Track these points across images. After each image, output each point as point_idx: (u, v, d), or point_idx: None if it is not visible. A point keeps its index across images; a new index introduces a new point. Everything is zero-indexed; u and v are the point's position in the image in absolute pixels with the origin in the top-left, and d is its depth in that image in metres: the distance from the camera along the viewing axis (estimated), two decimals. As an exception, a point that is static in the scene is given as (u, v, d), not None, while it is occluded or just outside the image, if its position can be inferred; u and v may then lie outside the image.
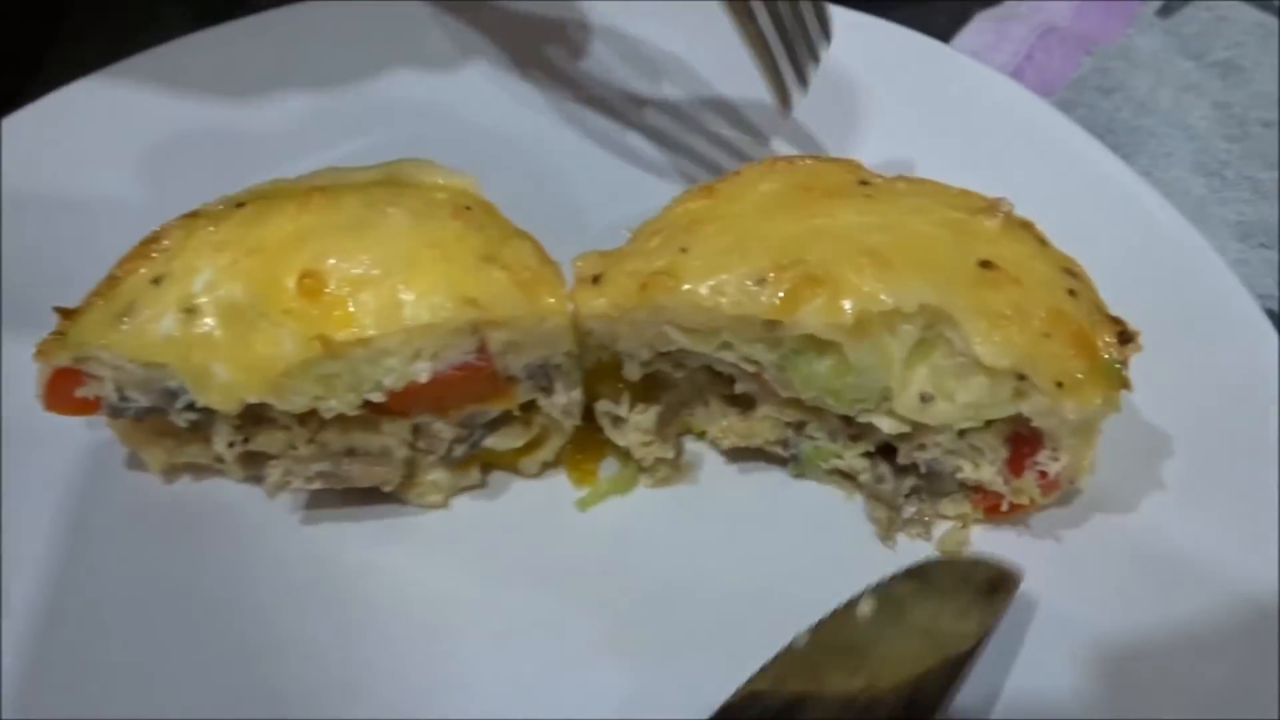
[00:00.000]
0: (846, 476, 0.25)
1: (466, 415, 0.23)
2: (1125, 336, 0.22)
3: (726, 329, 0.22)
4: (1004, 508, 0.23)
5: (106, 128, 0.32)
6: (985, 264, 0.22)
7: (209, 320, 0.22)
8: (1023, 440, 0.22)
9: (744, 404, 0.25)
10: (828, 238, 0.22)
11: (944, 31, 0.41)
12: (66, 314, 0.24)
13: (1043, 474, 0.22)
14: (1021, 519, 0.24)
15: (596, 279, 0.23)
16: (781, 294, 0.21)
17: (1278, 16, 0.40)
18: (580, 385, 0.24)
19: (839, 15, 0.29)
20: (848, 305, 0.21)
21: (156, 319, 0.23)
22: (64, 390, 0.23)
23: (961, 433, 0.22)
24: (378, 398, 0.22)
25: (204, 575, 0.24)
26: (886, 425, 0.23)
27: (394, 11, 0.36)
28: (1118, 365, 0.21)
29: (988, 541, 0.24)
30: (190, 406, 0.23)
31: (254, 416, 0.23)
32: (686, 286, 0.22)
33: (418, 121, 0.32)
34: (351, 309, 0.21)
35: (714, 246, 0.22)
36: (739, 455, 0.26)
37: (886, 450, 0.24)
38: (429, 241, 0.22)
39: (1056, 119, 0.30)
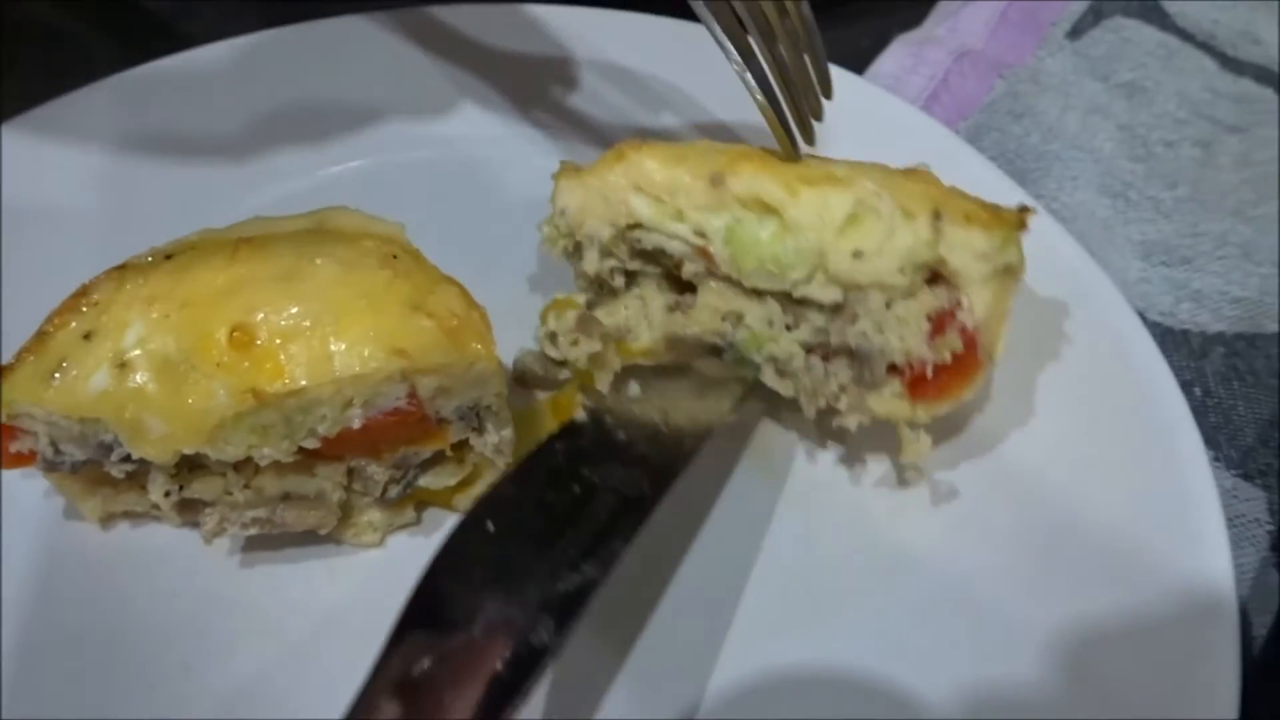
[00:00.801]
0: (780, 374, 0.27)
1: (400, 457, 0.24)
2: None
3: (682, 191, 0.25)
4: (929, 375, 0.25)
5: (31, 174, 0.31)
6: (908, 172, 0.26)
7: (141, 375, 0.23)
8: (942, 313, 0.24)
9: (683, 305, 0.27)
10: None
11: (866, 54, 0.42)
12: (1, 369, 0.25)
13: (963, 330, 0.24)
14: (951, 401, 0.25)
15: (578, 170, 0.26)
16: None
17: (1178, 36, 0.42)
18: (510, 424, 0.25)
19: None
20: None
21: (88, 375, 0.23)
22: (-1, 446, 0.23)
23: (888, 304, 0.24)
24: (311, 444, 0.23)
25: (138, 619, 0.24)
26: (822, 293, 0.24)
27: (321, 37, 0.36)
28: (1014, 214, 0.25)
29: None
30: (126, 458, 0.23)
31: (189, 464, 0.24)
32: (653, 150, 0.26)
33: (349, 162, 0.33)
34: (283, 360, 0.22)
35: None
36: (669, 377, 0.28)
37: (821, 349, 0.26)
38: (358, 292, 0.23)
39: (962, 149, 0.32)
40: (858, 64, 0.40)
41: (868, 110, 0.33)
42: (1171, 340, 0.31)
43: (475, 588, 0.22)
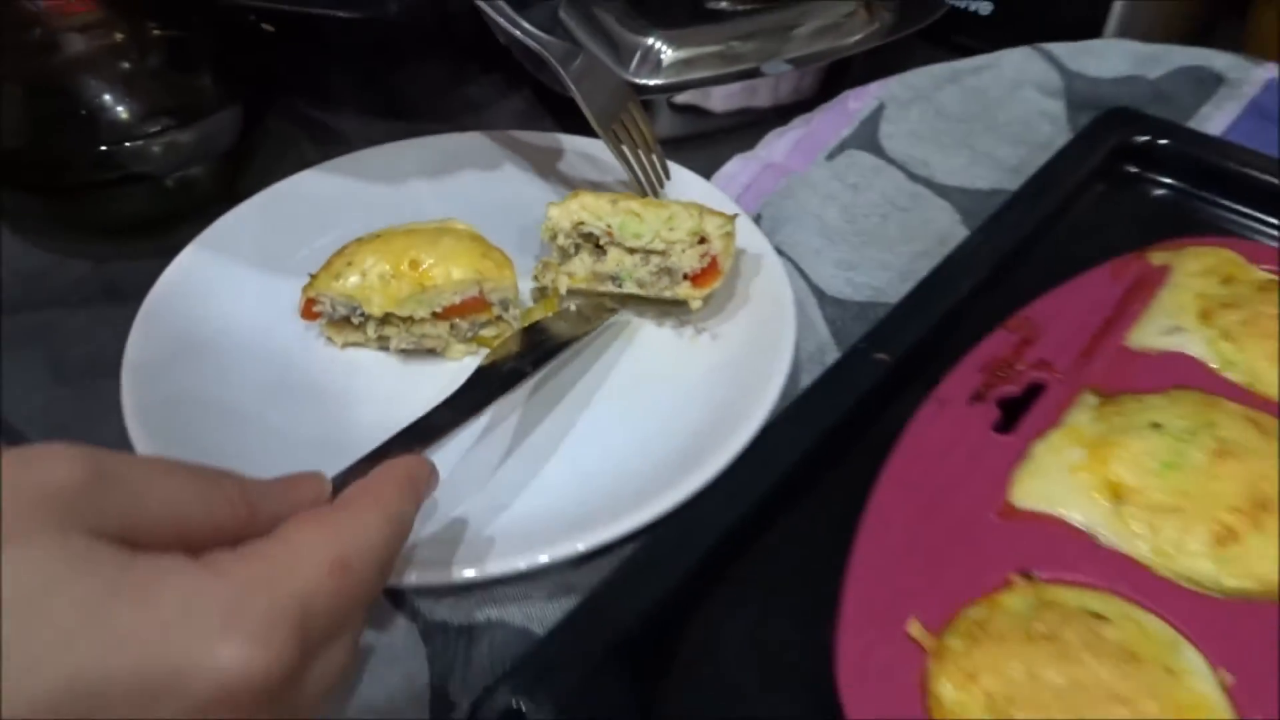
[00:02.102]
0: (639, 286, 0.50)
1: (472, 320, 0.55)
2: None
3: (600, 207, 0.51)
4: (699, 276, 0.50)
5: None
6: (696, 204, 0.56)
7: (371, 278, 0.54)
8: (705, 252, 0.49)
9: (600, 258, 0.51)
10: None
11: (718, 164, 0.66)
12: (312, 276, 0.56)
13: (712, 258, 0.49)
14: (709, 287, 0.50)
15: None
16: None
17: (885, 159, 0.74)
18: (519, 310, 0.56)
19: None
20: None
21: (348, 279, 0.54)
22: (308, 308, 0.55)
23: (683, 250, 0.49)
24: (438, 309, 0.54)
25: (335, 387, 0.50)
26: (657, 246, 0.50)
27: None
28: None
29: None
30: (362, 315, 0.54)
31: (386, 319, 0.55)
32: (588, 193, 0.52)
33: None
34: (431, 275, 0.54)
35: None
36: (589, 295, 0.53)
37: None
38: (460, 249, 0.54)
39: (729, 202, 0.59)
40: (709, 170, 0.67)
41: (691, 185, 0.62)
42: (833, 301, 0.62)
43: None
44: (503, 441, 0.46)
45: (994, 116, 0.71)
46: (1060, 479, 0.40)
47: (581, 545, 0.39)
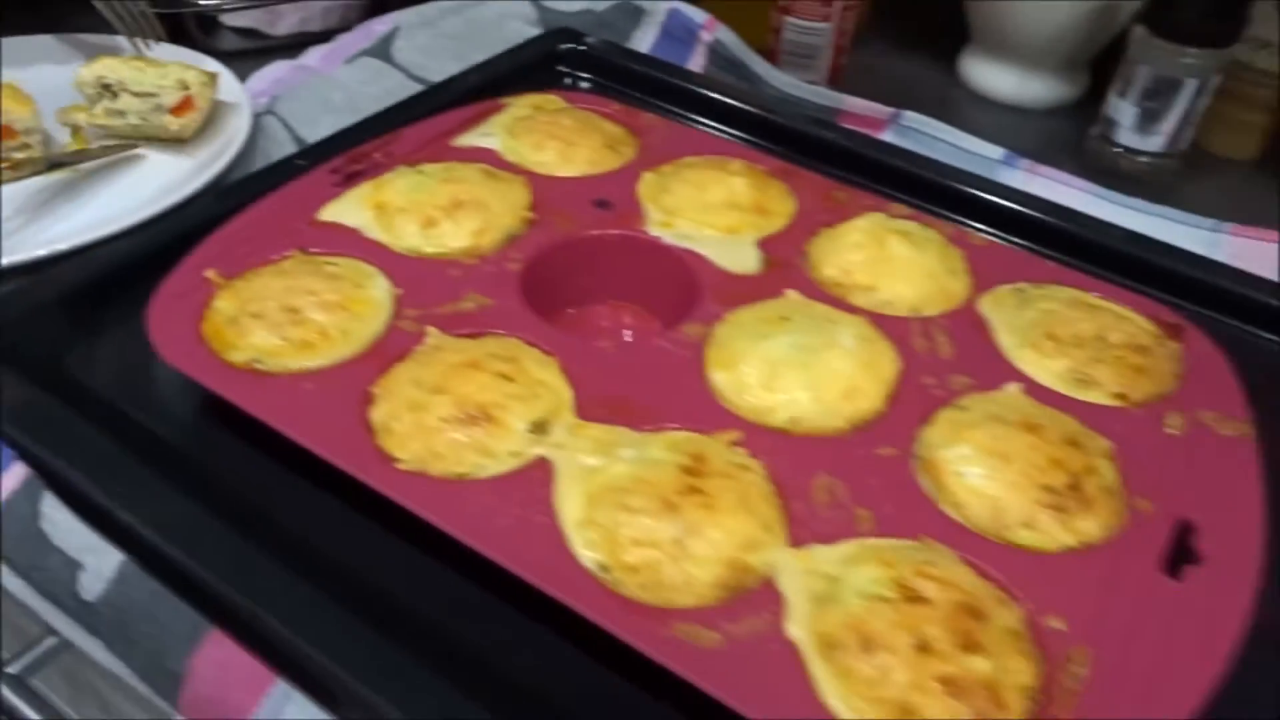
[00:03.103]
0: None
1: (7, 145, 0.77)
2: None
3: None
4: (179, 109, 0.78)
5: None
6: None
7: None
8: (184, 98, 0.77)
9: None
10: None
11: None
12: None
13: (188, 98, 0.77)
14: (183, 122, 0.78)
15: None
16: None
17: (389, 64, 0.99)
18: (41, 134, 0.78)
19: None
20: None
21: None
22: None
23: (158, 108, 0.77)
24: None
25: None
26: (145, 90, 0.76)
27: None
28: None
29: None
30: None
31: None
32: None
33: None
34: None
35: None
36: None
37: None
38: None
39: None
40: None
41: (204, 63, 0.88)
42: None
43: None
44: None
45: (484, 38, 0.96)
46: (352, 205, 0.63)
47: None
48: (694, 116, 0.75)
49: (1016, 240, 0.69)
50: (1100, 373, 0.54)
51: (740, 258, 0.61)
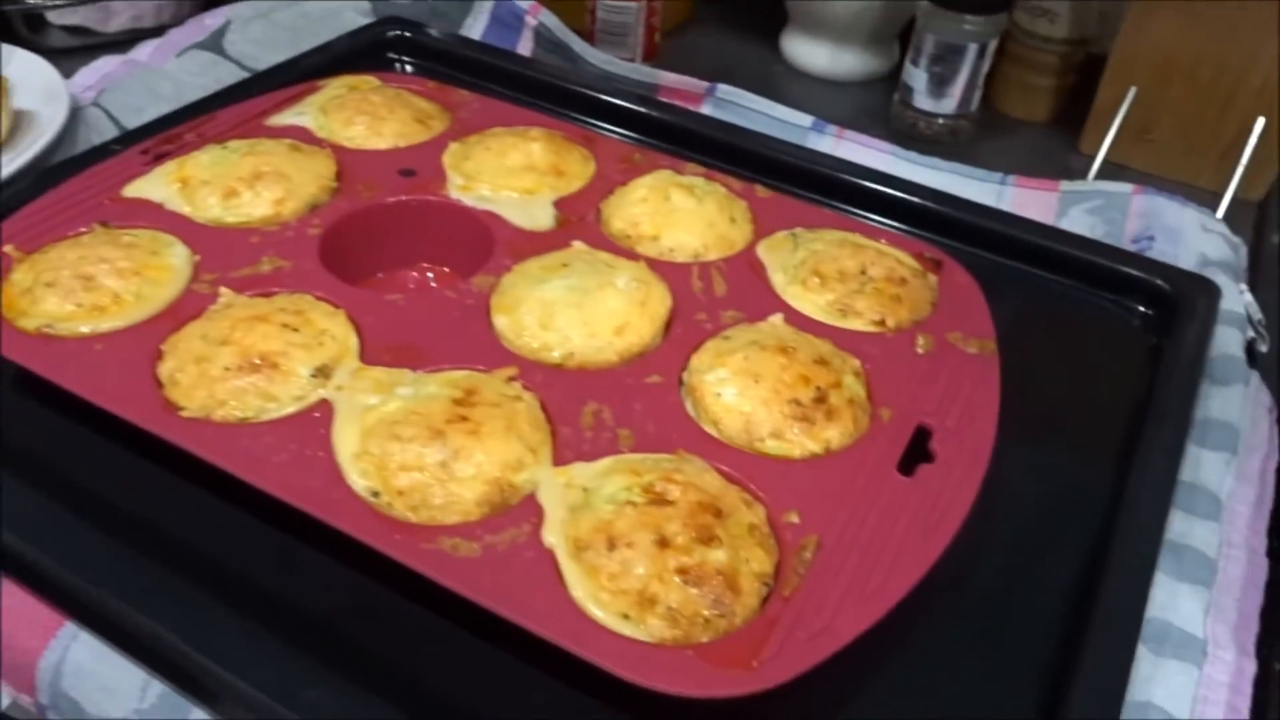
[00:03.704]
0: None
1: None
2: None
3: None
4: None
5: None
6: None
7: None
8: None
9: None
10: None
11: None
12: None
13: None
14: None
15: None
16: None
17: (222, 56, 1.00)
18: None
19: None
20: None
21: None
22: None
23: None
24: None
25: None
26: None
27: None
28: None
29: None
30: None
31: None
32: None
33: None
34: None
35: None
36: None
37: None
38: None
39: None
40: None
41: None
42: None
43: None
44: None
45: (318, 30, 0.98)
46: (157, 181, 0.65)
47: None
48: (522, 96, 0.79)
49: (812, 196, 0.73)
50: (860, 303, 0.59)
51: (536, 216, 0.64)
